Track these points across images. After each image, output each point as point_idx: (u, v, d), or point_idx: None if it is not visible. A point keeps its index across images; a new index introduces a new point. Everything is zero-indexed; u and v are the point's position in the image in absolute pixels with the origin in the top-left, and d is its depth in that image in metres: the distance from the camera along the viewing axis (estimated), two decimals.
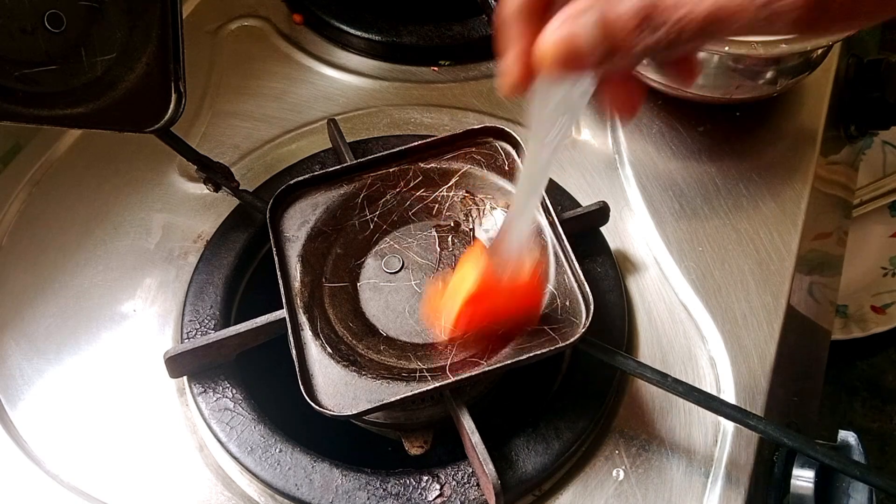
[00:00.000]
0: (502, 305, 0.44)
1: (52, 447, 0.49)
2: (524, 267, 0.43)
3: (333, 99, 0.68)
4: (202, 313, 0.52)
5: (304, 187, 0.52)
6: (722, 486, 0.46)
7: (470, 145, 0.53)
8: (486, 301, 0.43)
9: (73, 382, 0.52)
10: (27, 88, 0.45)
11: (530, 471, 0.45)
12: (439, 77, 0.70)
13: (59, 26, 0.45)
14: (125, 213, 0.60)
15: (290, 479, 0.45)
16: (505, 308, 0.44)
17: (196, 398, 0.48)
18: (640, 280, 0.55)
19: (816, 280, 0.65)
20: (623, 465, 0.47)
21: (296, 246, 0.49)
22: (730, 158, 0.63)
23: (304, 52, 0.72)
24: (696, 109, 0.65)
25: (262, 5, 0.76)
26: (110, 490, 0.47)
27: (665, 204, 0.60)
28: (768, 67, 0.59)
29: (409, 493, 0.44)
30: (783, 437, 0.42)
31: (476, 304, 0.43)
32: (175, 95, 0.51)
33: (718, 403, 0.44)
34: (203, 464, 0.48)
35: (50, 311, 0.55)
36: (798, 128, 0.65)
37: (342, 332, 0.46)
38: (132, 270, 0.57)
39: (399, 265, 0.50)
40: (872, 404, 1.27)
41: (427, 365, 0.44)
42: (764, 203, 0.59)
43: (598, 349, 0.46)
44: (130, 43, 0.48)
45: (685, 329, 0.53)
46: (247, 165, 0.63)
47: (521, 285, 0.43)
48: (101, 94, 0.48)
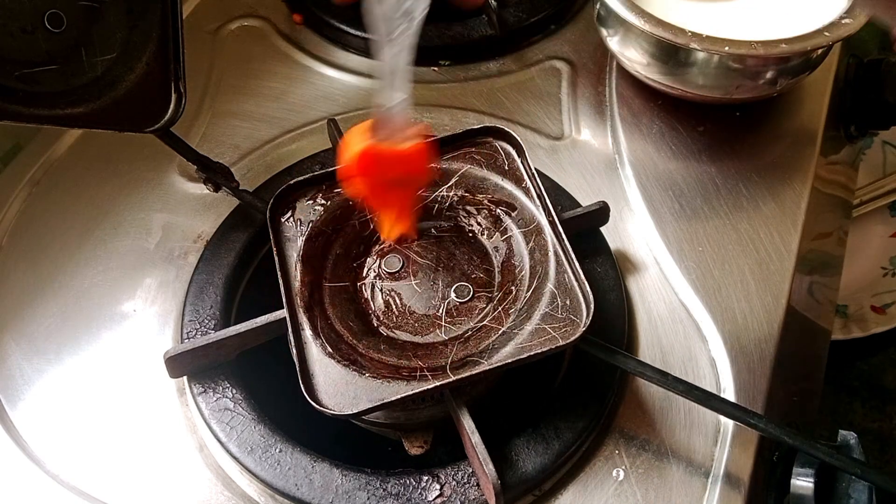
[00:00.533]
0: (393, 161, 0.46)
1: (52, 447, 0.49)
2: (405, 134, 0.45)
3: (333, 99, 0.68)
4: (202, 313, 0.52)
5: (304, 187, 0.52)
6: (722, 486, 0.46)
7: (470, 145, 0.53)
8: (377, 158, 0.45)
9: (73, 382, 0.52)
10: (27, 88, 0.45)
11: (530, 471, 0.45)
12: (439, 77, 0.70)
13: (60, 26, 0.45)
14: (125, 213, 0.60)
15: (290, 479, 0.45)
16: (397, 163, 0.46)
17: (196, 398, 0.48)
18: (640, 280, 0.55)
19: (816, 280, 0.65)
20: (623, 465, 0.47)
21: (296, 246, 0.49)
22: (730, 158, 0.63)
23: (304, 52, 0.72)
24: (696, 109, 0.65)
25: (262, 5, 0.76)
26: (110, 490, 0.47)
27: (665, 204, 0.60)
28: (768, 67, 0.59)
29: (409, 493, 0.44)
30: (783, 436, 0.42)
31: (368, 160, 0.45)
32: (175, 95, 0.51)
33: (718, 402, 0.44)
34: (203, 464, 0.48)
35: (50, 311, 0.55)
36: (798, 128, 0.65)
37: (342, 331, 0.46)
38: (132, 270, 0.57)
39: (399, 265, 0.50)
40: (872, 404, 1.27)
41: (427, 364, 0.44)
42: (764, 203, 0.59)
43: (598, 348, 0.46)
44: (131, 43, 0.48)
45: (685, 329, 0.53)
46: (247, 165, 0.63)
47: (406, 147, 0.46)
48: (102, 94, 0.48)
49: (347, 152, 0.46)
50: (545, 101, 0.67)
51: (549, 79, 0.69)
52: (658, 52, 0.61)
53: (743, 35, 0.57)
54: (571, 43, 0.72)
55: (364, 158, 0.45)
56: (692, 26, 0.57)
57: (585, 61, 0.71)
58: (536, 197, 0.50)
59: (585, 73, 0.70)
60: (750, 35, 0.57)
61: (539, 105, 0.67)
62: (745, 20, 0.62)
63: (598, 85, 0.69)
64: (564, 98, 0.68)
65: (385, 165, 0.46)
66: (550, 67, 0.70)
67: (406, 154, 0.46)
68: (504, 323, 0.46)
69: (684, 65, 0.60)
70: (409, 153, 0.46)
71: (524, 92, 0.68)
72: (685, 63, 0.60)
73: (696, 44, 0.57)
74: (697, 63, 0.60)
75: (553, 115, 0.66)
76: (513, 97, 0.68)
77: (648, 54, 0.61)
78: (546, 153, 0.63)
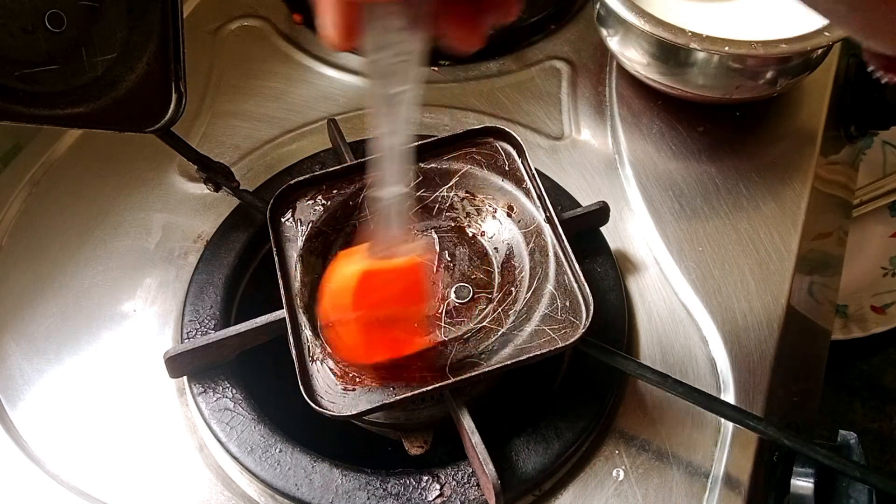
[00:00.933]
0: (393, 292, 0.40)
1: (52, 447, 0.49)
2: (404, 249, 0.39)
3: (333, 99, 0.68)
4: (202, 313, 0.52)
5: (304, 187, 0.52)
6: (722, 487, 0.46)
7: (470, 146, 0.53)
8: (376, 293, 0.39)
9: (73, 382, 0.52)
10: (28, 88, 0.44)
11: (530, 471, 0.45)
12: (439, 77, 0.70)
13: (60, 26, 0.45)
14: (125, 213, 0.60)
15: (290, 479, 0.45)
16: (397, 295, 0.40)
17: (196, 398, 0.48)
18: (640, 280, 0.55)
19: (816, 280, 0.65)
20: (623, 465, 0.47)
21: (296, 246, 0.49)
22: (730, 158, 0.63)
23: (304, 52, 0.72)
24: (696, 109, 0.65)
25: (262, 5, 0.76)
26: (110, 490, 0.47)
27: (665, 204, 0.60)
28: (768, 67, 0.59)
29: (409, 493, 0.44)
30: (783, 438, 0.42)
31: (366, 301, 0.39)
32: (176, 95, 0.51)
33: (719, 404, 0.44)
34: (203, 464, 0.48)
35: (50, 311, 0.55)
36: (798, 128, 0.65)
37: None
38: (132, 270, 0.57)
39: None
40: (872, 404, 1.27)
41: (427, 365, 0.44)
42: (764, 203, 0.59)
43: (598, 350, 0.46)
44: (131, 43, 0.48)
45: (685, 329, 0.53)
46: (247, 165, 0.63)
47: (406, 266, 0.40)
48: (102, 94, 0.48)
49: (339, 279, 0.39)
50: (545, 101, 0.67)
51: (549, 79, 0.69)
52: (658, 52, 0.61)
53: (743, 35, 0.57)
54: (571, 43, 0.72)
55: (363, 283, 0.39)
56: (692, 26, 0.57)
57: (585, 61, 0.71)
58: (537, 198, 0.50)
59: (585, 73, 0.70)
60: (750, 35, 0.57)
61: (539, 105, 0.67)
62: (745, 20, 0.62)
63: (598, 85, 0.69)
64: (564, 98, 0.68)
65: (383, 289, 0.39)
66: (550, 67, 0.70)
67: (406, 271, 0.40)
68: (504, 324, 0.46)
69: (684, 65, 0.60)
70: (409, 270, 0.40)
71: (524, 92, 0.68)
72: (685, 63, 0.60)
73: (696, 44, 0.57)
74: (697, 63, 0.60)
75: (553, 115, 0.66)
76: (513, 97, 0.68)
77: (648, 54, 0.61)
78: (546, 153, 0.63)
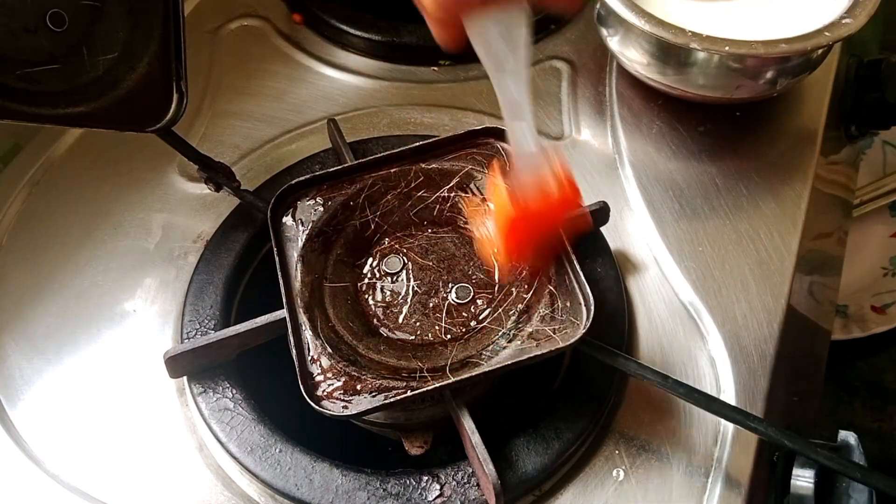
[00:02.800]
0: (544, 218, 0.45)
1: (52, 447, 0.49)
2: (547, 180, 0.43)
3: (333, 99, 0.68)
4: (202, 313, 0.52)
5: (304, 187, 0.52)
6: (722, 487, 0.46)
7: (471, 146, 0.53)
8: (528, 221, 0.44)
9: (73, 382, 0.52)
10: (29, 87, 0.45)
11: (530, 471, 0.45)
12: (439, 77, 0.70)
13: (62, 25, 0.45)
14: (125, 213, 0.60)
15: (290, 479, 0.45)
16: (547, 219, 0.45)
17: (196, 398, 0.48)
18: (640, 280, 0.55)
19: (816, 280, 0.65)
20: (623, 465, 0.47)
21: (296, 246, 0.49)
22: (730, 158, 0.63)
23: (304, 52, 0.72)
24: (696, 109, 0.65)
25: (262, 5, 0.76)
26: (110, 490, 0.47)
27: (665, 204, 0.60)
28: (768, 67, 0.59)
29: (409, 493, 0.44)
30: (783, 439, 0.42)
31: (520, 227, 0.44)
32: (177, 95, 0.51)
33: (719, 405, 0.44)
34: (203, 464, 0.48)
35: (50, 311, 0.55)
36: (798, 128, 0.65)
37: (342, 332, 0.46)
38: (132, 270, 0.57)
39: (400, 265, 0.50)
40: (872, 404, 1.27)
41: (427, 365, 0.44)
42: (764, 203, 0.59)
43: (598, 350, 0.46)
44: (132, 42, 0.48)
45: (685, 329, 0.53)
46: (247, 165, 0.63)
47: (551, 196, 0.44)
48: (103, 94, 0.48)
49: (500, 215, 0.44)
50: (545, 101, 0.67)
51: (549, 79, 0.69)
52: (658, 52, 0.61)
53: (743, 35, 0.57)
54: (571, 43, 0.72)
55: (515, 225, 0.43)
56: (692, 26, 0.57)
57: (585, 61, 0.71)
58: None
59: (585, 73, 0.70)
60: (750, 35, 0.57)
61: (539, 105, 0.67)
62: (745, 20, 0.62)
63: (598, 85, 0.69)
64: (564, 98, 0.68)
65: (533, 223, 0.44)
66: (550, 67, 0.70)
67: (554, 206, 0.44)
68: (504, 324, 0.46)
69: (684, 65, 0.60)
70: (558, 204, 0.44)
71: None
72: (685, 63, 0.60)
73: (696, 44, 0.56)
74: (697, 63, 0.60)
75: (553, 115, 0.66)
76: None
77: (648, 54, 0.61)
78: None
